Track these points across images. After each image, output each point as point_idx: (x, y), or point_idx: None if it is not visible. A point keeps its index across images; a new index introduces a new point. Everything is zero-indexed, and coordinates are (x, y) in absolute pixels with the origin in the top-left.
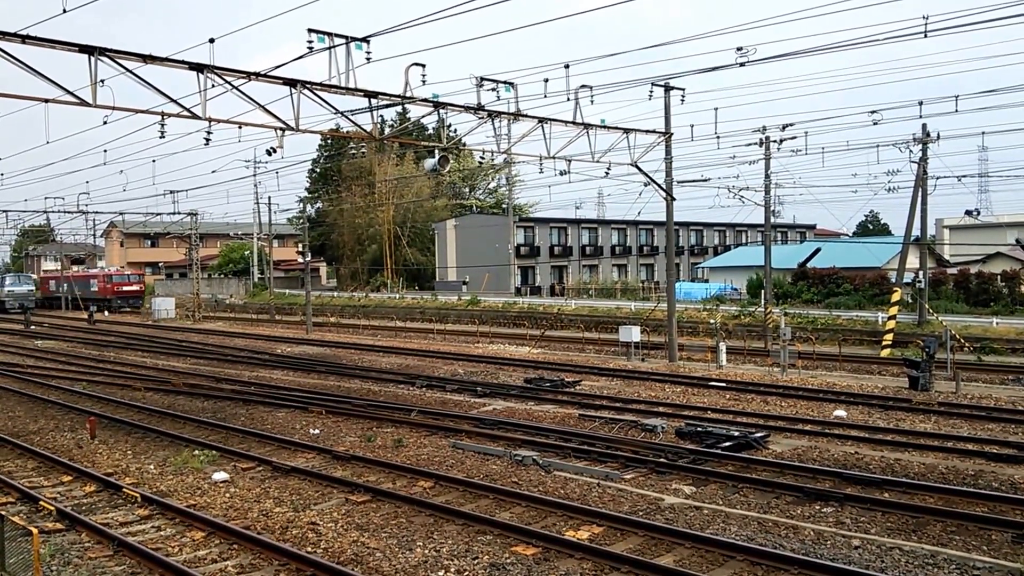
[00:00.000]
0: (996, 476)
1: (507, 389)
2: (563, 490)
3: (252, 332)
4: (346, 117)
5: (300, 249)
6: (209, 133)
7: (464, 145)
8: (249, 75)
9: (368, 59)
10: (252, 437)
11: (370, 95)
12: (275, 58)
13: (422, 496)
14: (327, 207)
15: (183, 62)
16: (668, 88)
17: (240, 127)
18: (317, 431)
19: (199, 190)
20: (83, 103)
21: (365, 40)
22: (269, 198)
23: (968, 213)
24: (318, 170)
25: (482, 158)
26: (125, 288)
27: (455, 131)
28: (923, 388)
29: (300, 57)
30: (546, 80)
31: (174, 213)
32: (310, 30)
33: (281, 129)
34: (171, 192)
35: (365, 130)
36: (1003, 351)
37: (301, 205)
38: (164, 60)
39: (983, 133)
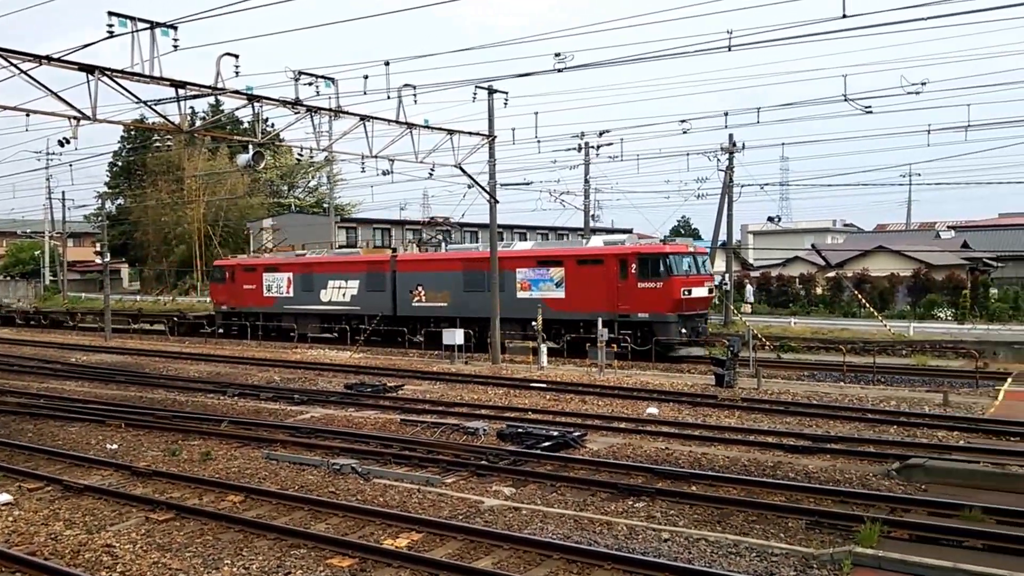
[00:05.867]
0: (792, 466)
1: (326, 396)
2: (382, 497)
3: (43, 339)
4: (150, 107)
5: (99, 249)
6: None
7: (282, 141)
8: (40, 59)
9: (175, 47)
10: (40, 454)
11: (177, 85)
12: (71, 41)
13: (231, 511)
14: (130, 203)
15: None
16: (491, 91)
17: (28, 115)
18: (115, 446)
19: None
20: None
21: (172, 26)
22: (63, 193)
23: (770, 219)
24: (120, 163)
25: (300, 155)
26: (696, 294)
27: (272, 126)
28: (728, 385)
29: (98, 41)
30: (366, 77)
31: None
32: (110, 13)
33: (76, 118)
34: None
35: (172, 122)
36: (800, 349)
37: (100, 201)
38: None
39: (783, 144)
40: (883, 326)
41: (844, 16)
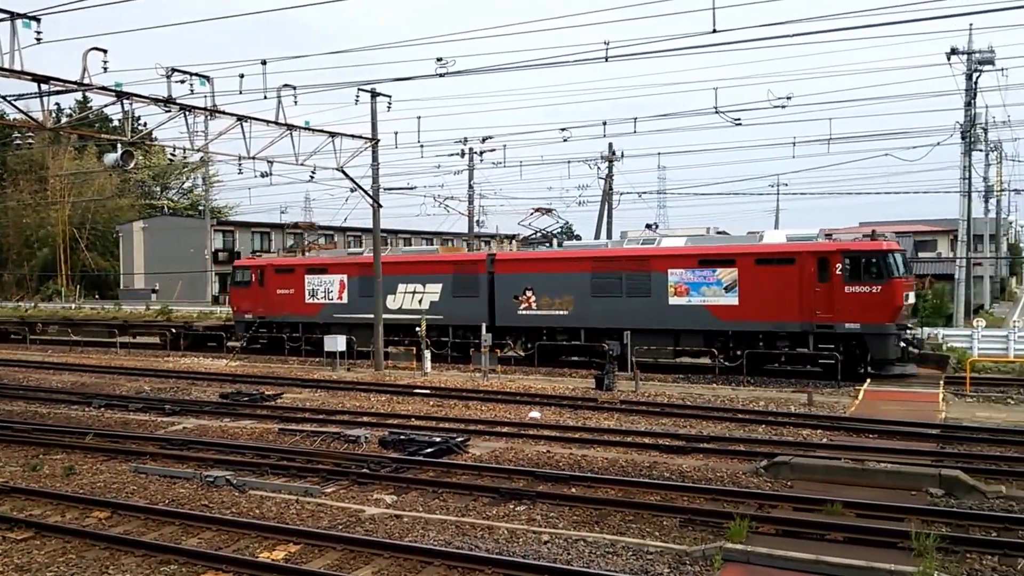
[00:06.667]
0: (668, 466)
1: (200, 406)
2: (258, 509)
3: None
4: (10, 103)
5: None
6: None
7: (153, 140)
8: None
9: (38, 39)
10: None
11: (40, 79)
12: None
13: (96, 528)
14: None
15: None
16: (375, 94)
17: None
18: None
19: None
20: None
21: (34, 18)
22: None
23: (648, 226)
24: None
25: (173, 155)
26: (910, 300)
27: (144, 124)
28: (608, 388)
29: None
30: (242, 76)
31: None
32: None
33: None
34: None
35: (35, 119)
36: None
37: None
38: None
39: (659, 153)
40: None
41: (714, 31)
